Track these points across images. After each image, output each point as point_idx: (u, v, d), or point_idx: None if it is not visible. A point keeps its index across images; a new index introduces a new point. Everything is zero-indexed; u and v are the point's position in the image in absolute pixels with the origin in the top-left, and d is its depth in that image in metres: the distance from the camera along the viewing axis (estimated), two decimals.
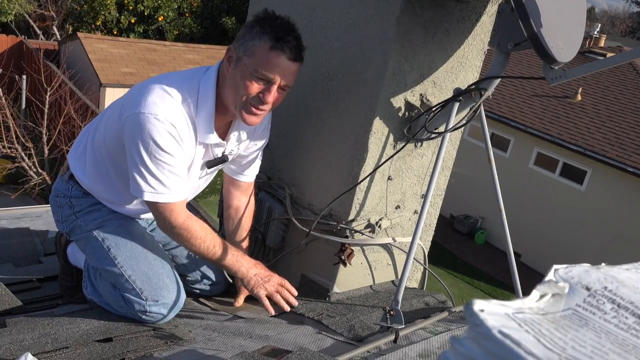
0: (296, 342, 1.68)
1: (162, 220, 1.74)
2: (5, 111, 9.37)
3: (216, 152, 1.83)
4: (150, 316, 1.75)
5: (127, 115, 1.62)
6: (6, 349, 1.50)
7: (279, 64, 1.61)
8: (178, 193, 1.70)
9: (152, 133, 1.58)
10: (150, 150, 1.60)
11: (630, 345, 0.62)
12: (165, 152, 1.61)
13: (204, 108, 1.69)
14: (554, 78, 1.66)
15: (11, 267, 2.35)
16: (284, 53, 1.60)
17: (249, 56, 1.62)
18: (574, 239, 11.69)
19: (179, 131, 1.63)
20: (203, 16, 18.01)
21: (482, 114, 1.95)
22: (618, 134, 11.70)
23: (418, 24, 1.81)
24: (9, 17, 15.15)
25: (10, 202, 8.64)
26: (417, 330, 1.79)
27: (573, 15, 1.84)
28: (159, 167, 1.63)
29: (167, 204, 1.69)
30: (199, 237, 1.77)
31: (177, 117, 1.62)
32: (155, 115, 1.58)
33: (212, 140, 1.74)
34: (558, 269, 0.75)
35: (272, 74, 1.61)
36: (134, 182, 1.67)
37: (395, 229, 2.16)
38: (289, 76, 1.66)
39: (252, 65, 1.61)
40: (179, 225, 1.73)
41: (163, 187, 1.66)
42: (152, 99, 1.60)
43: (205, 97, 1.69)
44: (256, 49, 1.61)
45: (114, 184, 1.84)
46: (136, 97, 1.63)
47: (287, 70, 1.63)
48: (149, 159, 1.61)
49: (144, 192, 1.66)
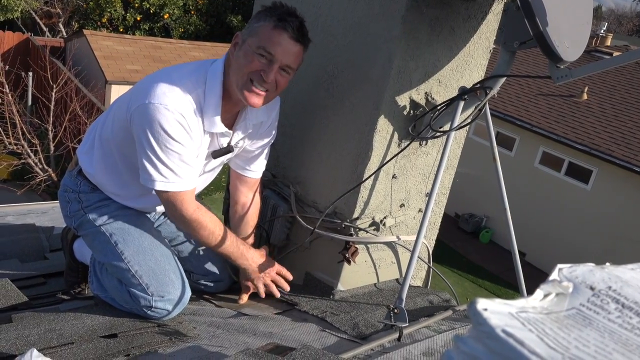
0: (300, 340, 1.68)
1: (172, 209, 1.77)
2: (12, 108, 9.40)
3: (222, 142, 1.84)
4: (155, 312, 1.76)
5: (136, 106, 1.64)
6: (12, 344, 1.51)
7: (280, 41, 1.64)
8: (188, 182, 1.73)
9: (162, 122, 1.61)
10: (160, 139, 1.63)
11: (634, 345, 0.61)
12: (175, 141, 1.63)
13: (211, 97, 1.71)
14: (560, 77, 1.66)
15: (17, 263, 2.36)
16: (286, 31, 1.64)
17: (253, 36, 1.66)
18: (578, 239, 11.64)
19: (188, 121, 1.65)
20: (209, 14, 18.02)
21: (487, 112, 1.95)
22: (624, 133, 11.64)
23: (423, 22, 1.81)
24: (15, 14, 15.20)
25: (16, 199, 8.69)
26: (421, 329, 1.79)
27: (579, 14, 1.84)
28: (170, 156, 1.65)
29: (177, 192, 1.72)
30: (208, 228, 1.81)
31: (186, 107, 1.64)
32: (165, 105, 1.60)
33: (219, 129, 1.75)
34: (562, 268, 0.75)
35: (273, 50, 1.64)
36: (144, 172, 1.68)
37: (400, 227, 2.16)
38: (291, 56, 1.67)
39: (255, 43, 1.65)
40: (189, 215, 1.76)
41: (174, 175, 1.68)
42: (160, 90, 1.62)
43: (212, 86, 1.71)
44: (260, 29, 1.66)
45: (122, 177, 1.85)
46: (144, 89, 1.64)
47: (288, 49, 1.66)
48: (159, 149, 1.64)
49: (155, 182, 1.68)
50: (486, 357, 0.60)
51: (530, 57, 14.33)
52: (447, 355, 0.65)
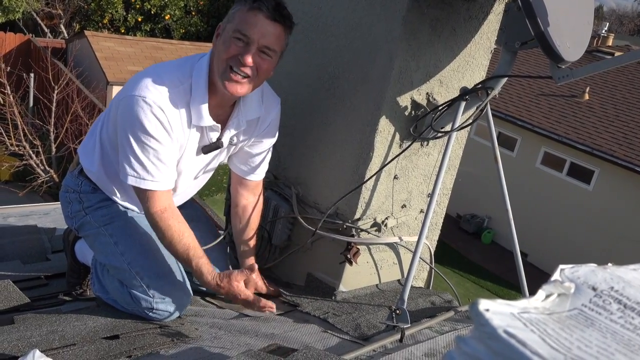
0: (302, 341, 1.68)
1: (142, 204, 1.74)
2: (13, 109, 9.41)
3: (211, 136, 1.81)
4: (157, 313, 1.76)
5: (120, 99, 1.65)
6: (14, 346, 1.51)
7: (256, 22, 1.61)
8: (162, 181, 1.70)
9: (140, 116, 1.60)
10: (137, 133, 1.62)
11: (636, 345, 0.61)
12: (152, 137, 1.63)
13: (198, 91, 1.70)
14: (562, 77, 1.66)
15: (19, 264, 2.36)
16: (261, 11, 1.61)
17: (230, 22, 1.65)
18: (580, 239, 11.63)
19: (168, 116, 1.63)
20: (209, 15, 18.02)
21: (488, 113, 1.95)
22: (626, 133, 11.62)
23: (424, 22, 1.81)
24: (17, 15, 15.21)
25: (17, 200, 8.69)
26: (423, 330, 1.79)
27: (580, 14, 1.84)
28: (145, 152, 1.64)
29: (148, 190, 1.69)
30: (167, 236, 1.71)
31: (168, 101, 1.63)
32: (144, 98, 1.60)
33: (206, 122, 1.73)
34: (564, 268, 0.75)
35: (249, 32, 1.61)
36: (121, 166, 1.68)
37: (402, 228, 2.15)
38: (269, 37, 1.64)
39: (232, 28, 1.63)
40: (154, 213, 1.70)
41: (146, 172, 1.66)
42: (144, 83, 1.62)
43: (198, 80, 1.70)
44: (236, 14, 1.64)
45: (118, 176, 1.85)
46: (131, 83, 1.66)
47: (265, 29, 1.62)
48: (135, 143, 1.63)
49: (128, 176, 1.67)
50: (488, 357, 0.60)
51: (531, 57, 14.32)
52: (449, 356, 0.65)
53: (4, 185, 9.93)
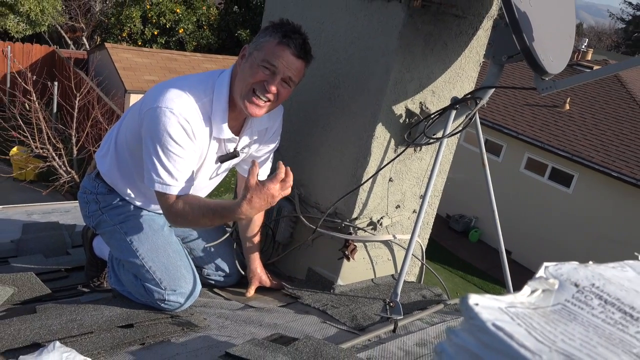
0: (302, 330, 1.68)
1: (162, 205, 1.70)
2: (39, 114, 9.41)
3: (228, 147, 1.82)
4: (168, 304, 1.75)
5: (146, 110, 1.63)
6: (36, 333, 1.51)
7: (284, 56, 1.62)
8: (184, 187, 1.67)
9: (167, 125, 1.58)
10: (163, 141, 1.60)
11: (617, 339, 0.61)
12: (176, 143, 1.60)
13: (219, 106, 1.69)
14: (545, 88, 1.65)
15: (41, 258, 2.36)
16: (289, 48, 1.62)
17: (259, 50, 1.65)
18: (561, 238, 11.62)
19: (193, 127, 1.62)
20: (220, 29, 18.03)
21: (477, 121, 1.94)
22: (603, 141, 11.62)
23: (419, 37, 1.80)
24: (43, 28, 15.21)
25: (41, 198, 8.70)
26: (415, 321, 1.78)
27: (563, 29, 1.83)
28: (171, 160, 1.62)
29: (170, 195, 1.66)
30: (192, 219, 1.66)
31: (192, 114, 1.62)
32: (170, 110, 1.58)
33: (226, 135, 1.73)
34: (548, 266, 0.74)
35: (276, 63, 1.62)
36: (147, 173, 1.66)
37: (396, 227, 2.15)
38: (293, 70, 1.65)
39: (261, 57, 1.63)
40: (174, 212, 1.66)
41: (171, 179, 1.64)
42: (169, 96, 1.60)
43: (219, 95, 1.69)
44: (266, 44, 1.64)
45: (134, 180, 1.84)
46: (155, 94, 1.63)
47: (291, 64, 1.64)
48: (161, 151, 1.61)
49: (155, 183, 1.64)
50: (477, 349, 0.59)
51: (517, 70, 14.32)
52: (441, 347, 0.64)
53: (29, 184, 9.93)
